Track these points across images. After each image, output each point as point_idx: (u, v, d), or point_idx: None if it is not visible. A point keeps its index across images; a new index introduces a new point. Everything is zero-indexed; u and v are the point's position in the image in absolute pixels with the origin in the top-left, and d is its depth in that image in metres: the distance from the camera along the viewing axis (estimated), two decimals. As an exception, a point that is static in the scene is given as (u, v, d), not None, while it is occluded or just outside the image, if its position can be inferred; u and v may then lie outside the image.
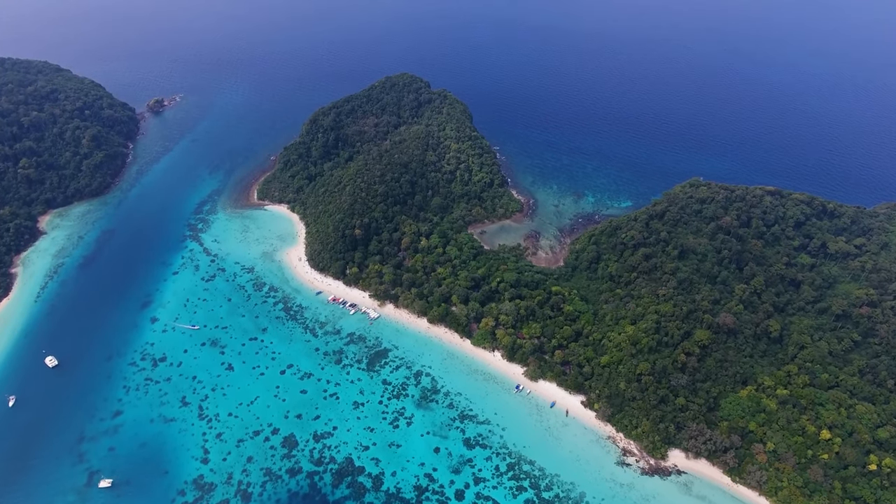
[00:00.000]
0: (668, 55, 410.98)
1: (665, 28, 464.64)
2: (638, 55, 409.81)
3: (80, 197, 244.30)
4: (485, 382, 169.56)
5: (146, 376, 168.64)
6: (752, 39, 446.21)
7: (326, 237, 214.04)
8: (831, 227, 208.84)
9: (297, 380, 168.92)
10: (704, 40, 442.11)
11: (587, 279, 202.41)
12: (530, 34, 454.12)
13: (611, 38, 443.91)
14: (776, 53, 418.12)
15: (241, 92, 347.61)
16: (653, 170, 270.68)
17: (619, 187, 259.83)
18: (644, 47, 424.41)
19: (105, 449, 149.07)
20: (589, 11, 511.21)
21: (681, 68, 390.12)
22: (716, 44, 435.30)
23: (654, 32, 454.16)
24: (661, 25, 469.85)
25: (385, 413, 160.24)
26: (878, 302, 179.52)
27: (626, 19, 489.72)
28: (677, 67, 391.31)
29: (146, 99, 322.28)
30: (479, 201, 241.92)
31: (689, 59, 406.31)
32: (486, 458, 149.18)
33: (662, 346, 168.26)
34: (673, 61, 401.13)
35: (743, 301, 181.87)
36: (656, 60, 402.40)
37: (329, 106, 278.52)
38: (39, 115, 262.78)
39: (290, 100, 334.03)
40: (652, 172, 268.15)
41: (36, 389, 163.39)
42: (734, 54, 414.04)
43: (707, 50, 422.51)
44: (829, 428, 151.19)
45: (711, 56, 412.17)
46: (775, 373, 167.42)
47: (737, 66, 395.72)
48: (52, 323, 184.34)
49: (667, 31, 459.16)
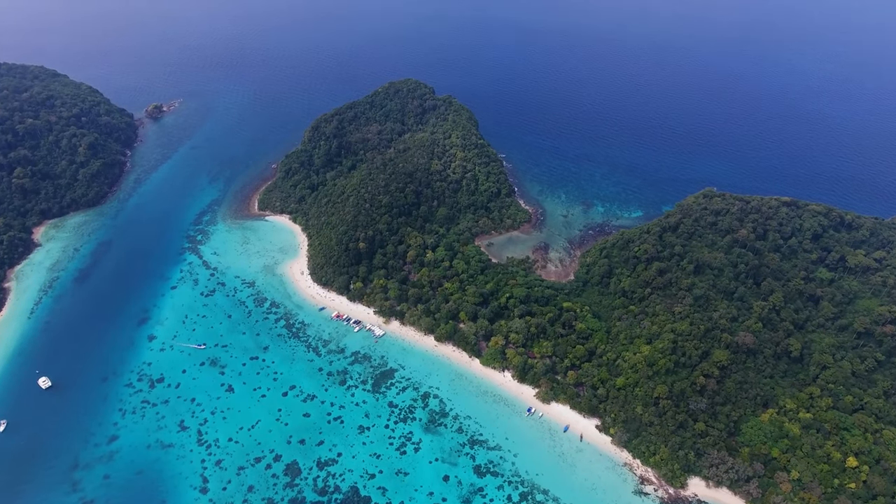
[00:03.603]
0: (677, 60, 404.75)
1: (675, 33, 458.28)
2: (648, 60, 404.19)
3: (77, 207, 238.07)
4: (495, 405, 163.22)
5: (143, 398, 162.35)
6: (761, 44, 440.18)
7: (329, 250, 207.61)
8: (850, 240, 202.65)
9: (300, 402, 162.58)
10: (715, 47, 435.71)
11: (599, 294, 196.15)
12: (537, 37, 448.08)
13: (621, 42, 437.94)
14: (785, 58, 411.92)
15: (241, 96, 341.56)
16: (663, 177, 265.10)
17: (629, 196, 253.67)
18: (654, 52, 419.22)
19: (100, 477, 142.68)
20: (599, 14, 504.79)
21: (690, 73, 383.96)
22: (724, 48, 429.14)
23: (665, 37, 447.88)
24: (671, 30, 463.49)
25: (392, 438, 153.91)
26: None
27: (637, 23, 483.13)
28: (686, 72, 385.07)
29: (145, 104, 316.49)
30: (486, 212, 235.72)
31: (698, 64, 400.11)
32: (498, 487, 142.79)
33: (680, 368, 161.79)
34: (682, 66, 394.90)
35: (762, 318, 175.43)
36: (666, 65, 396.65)
37: (331, 112, 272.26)
38: (35, 122, 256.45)
39: (292, 105, 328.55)
40: (662, 180, 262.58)
41: (28, 413, 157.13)
42: (743, 59, 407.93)
43: (716, 53, 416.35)
44: (856, 455, 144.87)
45: (720, 60, 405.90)
46: (797, 395, 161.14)
47: (747, 71, 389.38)
48: (46, 341, 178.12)
49: (677, 36, 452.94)
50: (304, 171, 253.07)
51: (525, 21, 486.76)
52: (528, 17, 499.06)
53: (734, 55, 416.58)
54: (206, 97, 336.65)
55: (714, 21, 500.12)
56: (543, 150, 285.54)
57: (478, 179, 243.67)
